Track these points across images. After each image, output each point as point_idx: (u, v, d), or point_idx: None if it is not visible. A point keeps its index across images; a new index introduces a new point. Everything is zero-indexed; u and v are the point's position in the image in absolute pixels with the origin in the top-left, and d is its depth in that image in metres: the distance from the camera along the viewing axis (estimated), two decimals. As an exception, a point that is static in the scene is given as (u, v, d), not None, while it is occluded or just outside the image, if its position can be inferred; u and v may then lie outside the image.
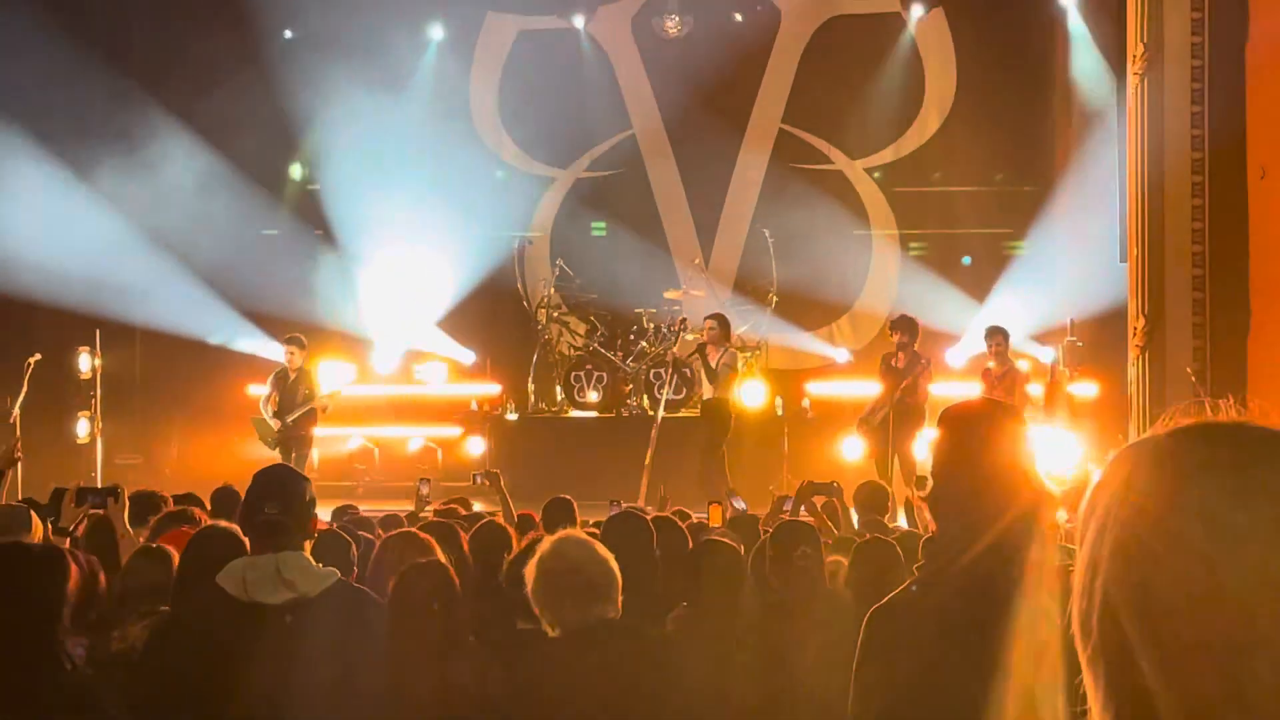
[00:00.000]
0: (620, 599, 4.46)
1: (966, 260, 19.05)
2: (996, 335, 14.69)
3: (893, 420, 13.91)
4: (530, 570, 4.44)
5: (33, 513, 6.45)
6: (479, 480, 9.92)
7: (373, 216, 18.96)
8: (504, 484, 9.40)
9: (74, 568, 4.12)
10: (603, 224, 19.57)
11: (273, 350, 18.41)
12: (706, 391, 15.10)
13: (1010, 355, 14.86)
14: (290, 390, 15.14)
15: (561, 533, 4.80)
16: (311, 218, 19.39)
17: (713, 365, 14.80)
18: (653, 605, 5.47)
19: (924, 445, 13.99)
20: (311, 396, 14.88)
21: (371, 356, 18.66)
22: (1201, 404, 1.52)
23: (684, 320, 17.19)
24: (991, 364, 14.63)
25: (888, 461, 13.92)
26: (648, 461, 14.46)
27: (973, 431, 3.28)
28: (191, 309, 17.62)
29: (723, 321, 15.27)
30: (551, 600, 4.35)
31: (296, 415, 14.99)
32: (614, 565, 4.47)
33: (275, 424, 15.08)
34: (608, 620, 4.38)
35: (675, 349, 17.43)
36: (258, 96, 18.19)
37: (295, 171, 19.85)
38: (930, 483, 3.32)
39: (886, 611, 3.31)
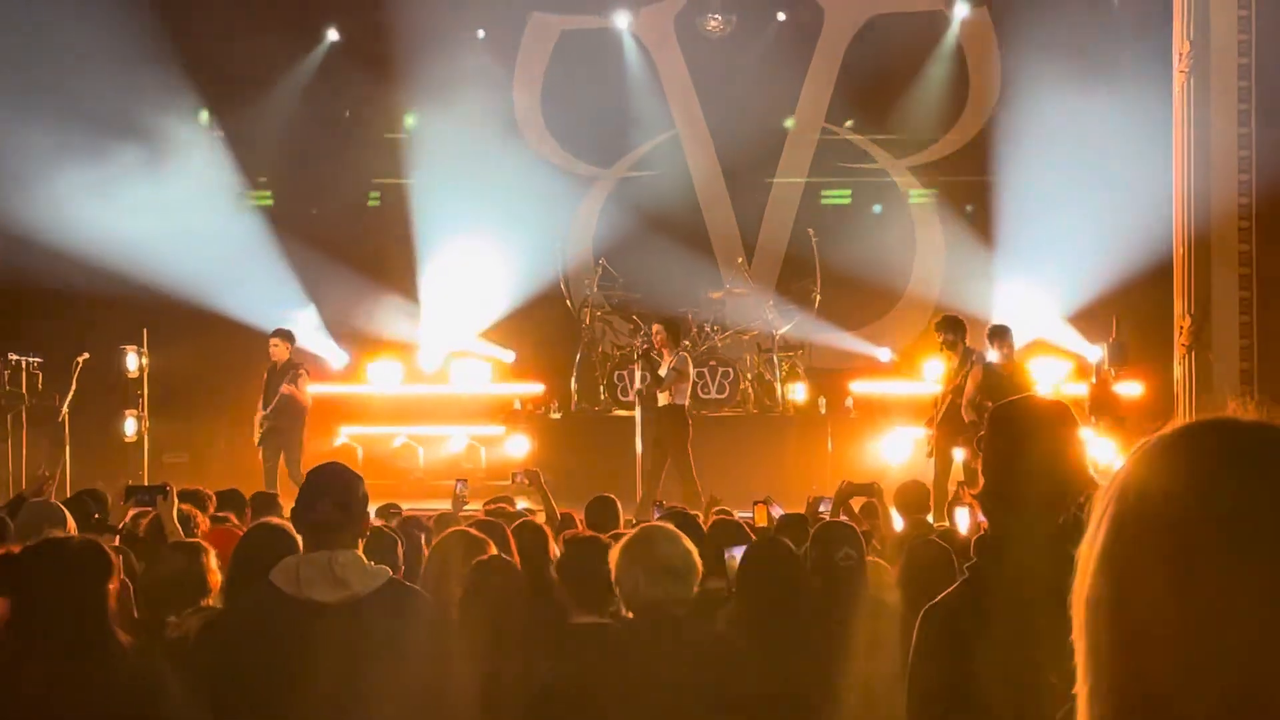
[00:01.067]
0: (693, 591, 4.51)
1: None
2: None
3: (943, 420, 13.80)
4: (615, 552, 4.51)
5: (66, 510, 6.54)
6: (519, 479, 9.92)
7: (417, 218, 19.06)
8: (544, 483, 9.42)
9: (116, 560, 4.16)
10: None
11: (325, 348, 18.60)
12: (662, 399, 14.68)
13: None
14: (274, 383, 15.27)
15: (654, 522, 4.88)
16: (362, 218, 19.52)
17: (659, 373, 14.59)
18: (704, 603, 5.49)
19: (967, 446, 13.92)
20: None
21: (417, 356, 18.73)
22: (1234, 402, 1.54)
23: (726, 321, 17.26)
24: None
25: (949, 462, 13.75)
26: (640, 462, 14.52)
27: (1025, 428, 3.29)
28: (238, 307, 17.70)
29: (670, 326, 15.09)
30: (629, 577, 4.41)
31: (273, 405, 15.10)
32: (696, 558, 4.52)
33: (258, 415, 15.21)
34: (672, 611, 4.42)
35: (719, 349, 17.44)
36: (304, 97, 18.31)
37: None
38: (981, 480, 3.33)
39: (940, 610, 3.31)
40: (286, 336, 15.47)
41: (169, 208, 17.67)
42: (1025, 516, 3.19)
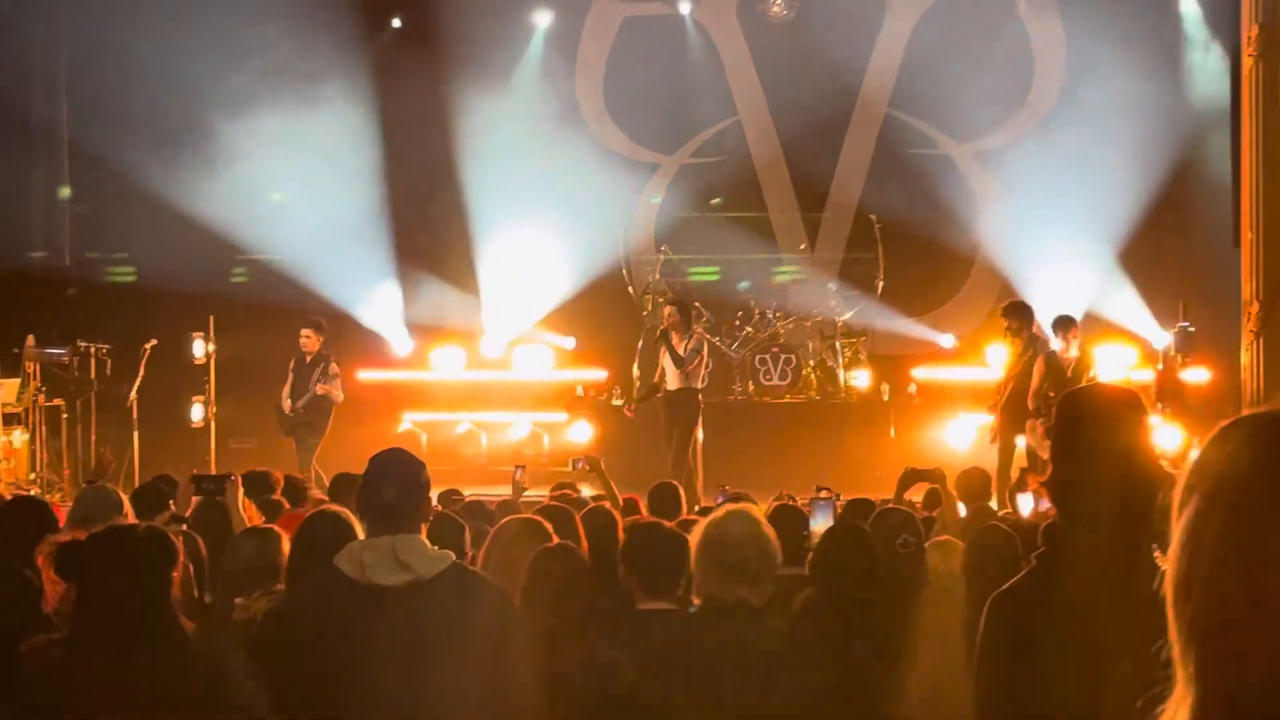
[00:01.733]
0: (770, 586, 4.50)
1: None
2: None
3: (1006, 406, 13.71)
4: (694, 536, 4.52)
5: (124, 496, 6.60)
6: (579, 465, 9.92)
7: (481, 205, 19.11)
8: (604, 469, 9.42)
9: (180, 547, 4.19)
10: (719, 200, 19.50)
11: (392, 332, 18.70)
12: (672, 382, 14.42)
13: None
14: (304, 374, 15.30)
15: (736, 506, 4.87)
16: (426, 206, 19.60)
17: (679, 353, 14.30)
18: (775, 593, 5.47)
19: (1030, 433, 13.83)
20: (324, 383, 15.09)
21: (480, 342, 18.80)
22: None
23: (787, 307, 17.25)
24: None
25: (1012, 449, 13.66)
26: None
27: (1094, 416, 3.26)
28: (306, 294, 17.81)
29: (684, 308, 14.86)
30: (700, 568, 4.42)
31: (306, 399, 15.14)
32: (772, 551, 4.50)
33: (286, 405, 15.24)
34: (743, 603, 4.43)
35: (781, 335, 17.41)
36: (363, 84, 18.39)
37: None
38: (1049, 467, 3.30)
39: (1007, 597, 3.29)
40: (318, 328, 15.48)
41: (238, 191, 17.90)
42: (1094, 505, 3.16)
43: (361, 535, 4.47)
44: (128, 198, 18.02)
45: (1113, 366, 15.40)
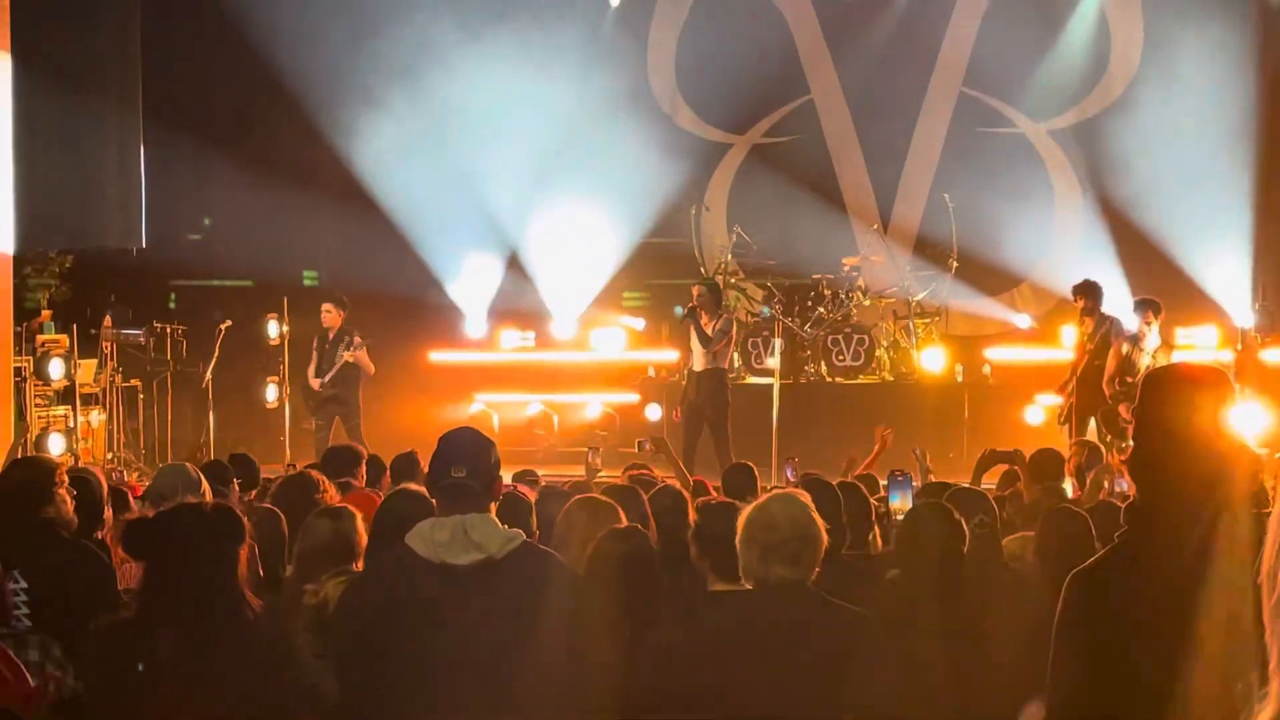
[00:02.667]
0: (815, 567, 4.46)
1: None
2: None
3: (1078, 386, 13.59)
4: (741, 522, 4.50)
5: (200, 474, 6.64)
6: (645, 446, 9.88)
7: (551, 185, 19.14)
8: (671, 449, 9.36)
9: (247, 525, 4.20)
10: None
11: (471, 314, 18.78)
12: (699, 362, 14.22)
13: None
14: (329, 351, 15.35)
15: (781, 490, 4.85)
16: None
17: (707, 333, 14.03)
18: (842, 571, 5.43)
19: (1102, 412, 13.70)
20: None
21: (550, 324, 18.83)
22: None
23: (862, 286, 17.15)
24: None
25: (1085, 429, 13.54)
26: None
27: (1179, 395, 3.20)
28: (379, 273, 17.90)
29: (713, 288, 14.70)
30: (743, 550, 4.40)
31: (332, 374, 15.19)
32: (816, 531, 4.47)
33: (315, 384, 15.29)
34: (795, 581, 4.39)
35: (854, 315, 17.30)
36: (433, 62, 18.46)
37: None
38: (1132, 446, 3.25)
39: (1087, 576, 3.25)
40: (340, 304, 15.53)
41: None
42: (1178, 485, 3.12)
43: None
44: (204, 179, 18.19)
45: (1193, 348, 15.21)
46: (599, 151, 18.42)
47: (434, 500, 4.44)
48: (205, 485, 6.41)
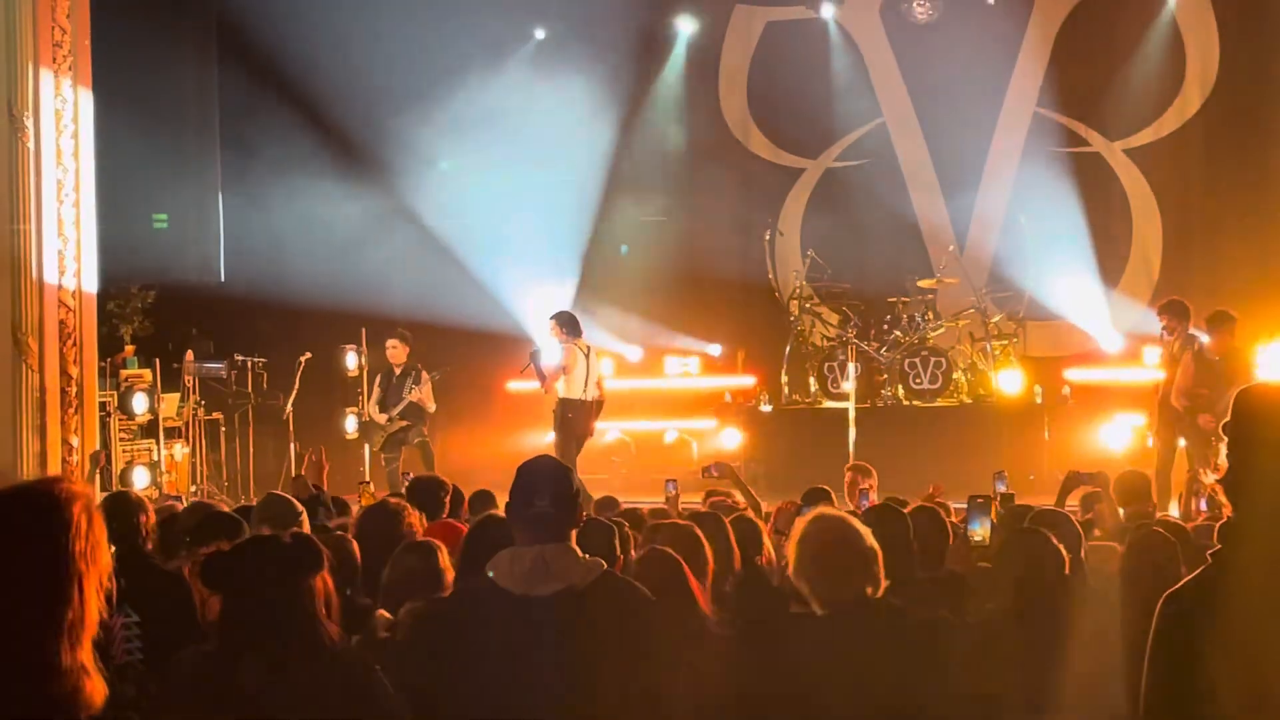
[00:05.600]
0: (881, 576, 4.45)
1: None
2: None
3: (1164, 406, 13.42)
4: (790, 549, 4.48)
5: (300, 504, 6.70)
6: (711, 472, 9.81)
7: (626, 210, 19.24)
8: (742, 474, 9.31)
9: (325, 556, 4.21)
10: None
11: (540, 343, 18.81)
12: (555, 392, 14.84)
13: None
14: (395, 386, 15.42)
15: (815, 510, 4.82)
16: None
17: (544, 374, 14.69)
18: (916, 592, 5.40)
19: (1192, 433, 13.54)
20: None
21: (626, 351, 18.88)
22: None
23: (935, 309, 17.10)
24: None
25: (1173, 450, 13.36)
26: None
27: (1270, 412, 3.18)
28: (455, 304, 18.01)
29: (562, 317, 14.90)
30: (810, 576, 4.39)
31: (401, 407, 15.26)
32: (869, 542, 4.46)
33: (382, 419, 15.36)
34: (871, 599, 4.38)
35: (930, 338, 17.21)
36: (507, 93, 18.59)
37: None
38: (1225, 466, 3.23)
39: (1181, 598, 3.23)
40: (405, 339, 15.64)
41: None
42: (1272, 503, 3.08)
43: None
44: (280, 215, 18.39)
45: (1273, 364, 14.98)
46: (673, 179, 18.48)
47: (515, 530, 4.43)
48: (304, 515, 6.48)
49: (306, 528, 6.62)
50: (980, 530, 6.70)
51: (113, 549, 2.96)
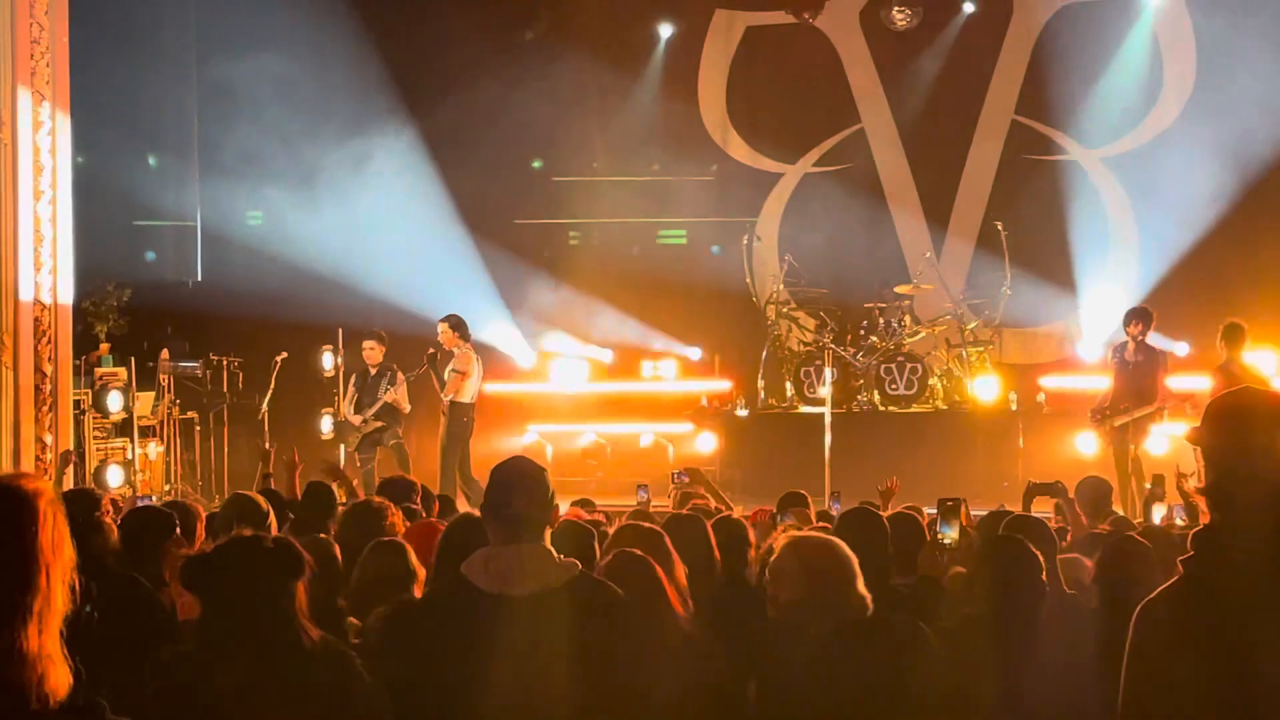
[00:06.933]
0: (860, 594, 4.46)
1: None
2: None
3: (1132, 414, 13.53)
4: (770, 572, 4.49)
5: (268, 505, 6.68)
6: (680, 479, 9.75)
7: (600, 210, 19.26)
8: (717, 479, 9.29)
9: (306, 558, 4.20)
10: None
11: (524, 348, 18.82)
12: (447, 398, 15.01)
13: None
14: (370, 386, 15.41)
15: (792, 535, 4.81)
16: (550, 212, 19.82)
17: (443, 378, 14.87)
18: (892, 598, 5.41)
19: (1161, 439, 13.64)
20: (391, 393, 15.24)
21: (602, 354, 18.91)
22: None
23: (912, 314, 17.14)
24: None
25: (1128, 458, 13.54)
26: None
27: (1244, 422, 3.19)
28: (433, 306, 17.98)
29: (454, 322, 15.14)
30: (795, 604, 4.41)
31: (376, 409, 15.26)
32: (846, 561, 4.47)
33: (356, 420, 15.34)
34: (850, 617, 4.39)
35: (907, 344, 17.23)
36: (499, 96, 18.57)
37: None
38: (1205, 474, 3.23)
39: (1158, 606, 3.23)
40: (381, 340, 15.62)
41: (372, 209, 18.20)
42: (1246, 513, 3.10)
43: None
44: (255, 214, 18.36)
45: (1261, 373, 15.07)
46: (651, 181, 18.50)
47: (489, 530, 4.42)
48: (272, 516, 6.46)
49: (274, 529, 6.60)
50: (950, 534, 6.70)
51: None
